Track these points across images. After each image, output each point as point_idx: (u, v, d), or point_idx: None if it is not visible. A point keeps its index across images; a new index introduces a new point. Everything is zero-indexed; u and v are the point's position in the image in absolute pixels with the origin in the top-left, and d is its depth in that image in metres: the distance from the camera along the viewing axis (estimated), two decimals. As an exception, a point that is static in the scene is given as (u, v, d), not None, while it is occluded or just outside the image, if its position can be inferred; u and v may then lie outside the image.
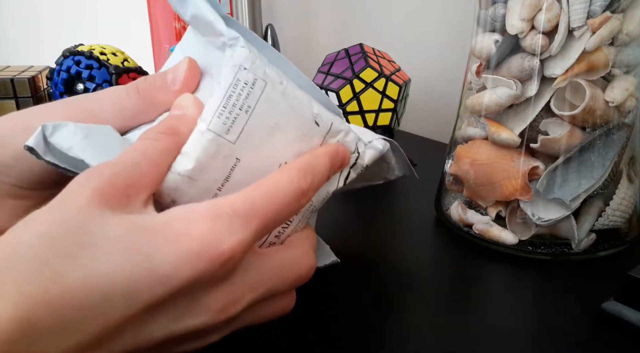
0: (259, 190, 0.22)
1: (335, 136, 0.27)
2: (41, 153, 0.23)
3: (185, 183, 0.23)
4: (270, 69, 0.25)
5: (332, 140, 0.27)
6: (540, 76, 0.34)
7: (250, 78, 0.24)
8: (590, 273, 0.35)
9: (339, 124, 0.27)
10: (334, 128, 0.27)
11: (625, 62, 0.34)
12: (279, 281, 0.24)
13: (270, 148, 0.25)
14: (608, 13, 0.33)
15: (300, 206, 0.24)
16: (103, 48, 0.61)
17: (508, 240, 0.37)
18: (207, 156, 0.23)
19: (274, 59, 0.27)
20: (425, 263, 0.37)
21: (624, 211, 0.37)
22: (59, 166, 0.23)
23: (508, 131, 0.36)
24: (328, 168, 0.26)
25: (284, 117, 0.25)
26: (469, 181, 0.39)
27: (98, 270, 0.18)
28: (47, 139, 0.23)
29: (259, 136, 0.24)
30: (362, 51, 0.54)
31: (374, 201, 0.47)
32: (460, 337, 0.29)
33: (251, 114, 0.24)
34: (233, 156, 0.24)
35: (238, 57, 0.24)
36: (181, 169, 0.23)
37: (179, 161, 0.23)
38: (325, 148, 0.26)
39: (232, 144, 0.24)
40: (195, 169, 0.23)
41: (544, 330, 0.30)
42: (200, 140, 0.23)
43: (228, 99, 0.23)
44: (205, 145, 0.23)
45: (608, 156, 0.35)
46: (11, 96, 0.65)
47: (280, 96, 0.25)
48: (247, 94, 0.24)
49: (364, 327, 0.30)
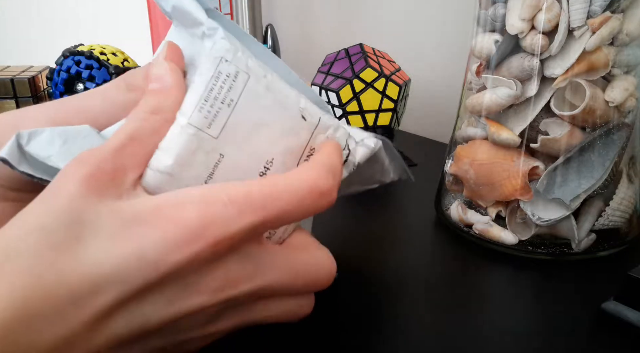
0: (261, 182, 0.22)
1: (324, 132, 0.26)
2: (15, 163, 0.22)
3: (164, 180, 0.22)
4: (254, 61, 0.24)
5: (320, 136, 0.26)
6: (540, 76, 0.34)
7: (233, 70, 0.23)
8: (590, 273, 0.35)
9: (327, 120, 0.26)
10: (323, 123, 0.26)
11: (625, 62, 0.34)
12: (289, 279, 0.24)
13: (256, 143, 0.24)
14: (608, 13, 0.33)
15: (318, 206, 0.23)
16: (103, 48, 0.61)
17: (508, 240, 0.37)
18: (187, 152, 0.22)
19: (261, 54, 0.27)
20: (425, 263, 0.37)
21: (624, 211, 0.37)
22: (34, 177, 0.22)
23: (508, 131, 0.36)
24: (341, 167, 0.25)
25: (268, 112, 0.24)
26: (469, 181, 0.39)
27: (89, 259, 0.19)
28: (23, 148, 0.22)
29: (243, 131, 0.24)
30: (362, 51, 0.54)
31: (373, 201, 0.47)
32: (460, 336, 0.29)
33: (234, 108, 0.23)
34: (216, 152, 0.23)
35: (219, 49, 0.23)
36: (160, 166, 0.22)
37: (157, 157, 0.22)
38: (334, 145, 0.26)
39: (215, 139, 0.23)
40: (175, 165, 0.22)
41: (544, 330, 0.30)
42: (181, 135, 0.22)
43: (209, 92, 0.23)
44: (186, 139, 0.22)
45: (608, 156, 0.35)
46: (11, 96, 0.65)
47: (265, 90, 0.24)
48: (230, 87, 0.23)
49: (364, 327, 0.30)
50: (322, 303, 0.32)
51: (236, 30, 0.26)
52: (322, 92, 0.54)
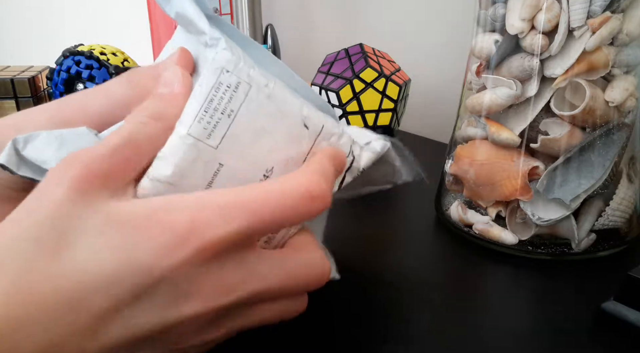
0: (255, 188, 0.22)
1: (327, 139, 0.26)
2: (14, 168, 0.22)
3: (163, 189, 0.22)
4: (256, 71, 0.24)
5: (323, 143, 0.26)
6: (540, 76, 0.34)
7: (233, 81, 0.23)
8: (590, 273, 0.35)
9: (331, 127, 0.26)
10: (326, 131, 0.26)
11: (625, 62, 0.34)
12: (281, 282, 0.23)
13: (256, 152, 0.24)
14: (608, 13, 0.33)
15: (312, 211, 0.23)
16: (103, 48, 0.61)
17: (508, 240, 0.37)
18: (186, 162, 0.23)
19: (264, 60, 0.26)
20: (424, 263, 0.37)
21: (624, 211, 0.37)
22: (34, 179, 0.22)
23: (508, 131, 0.36)
24: (333, 172, 0.25)
25: (270, 121, 0.24)
26: (469, 181, 0.39)
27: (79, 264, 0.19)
28: (20, 152, 0.22)
29: (244, 141, 0.24)
30: (362, 51, 0.54)
31: (373, 201, 0.47)
32: (460, 336, 0.29)
33: (234, 119, 0.23)
34: (216, 161, 0.23)
35: (220, 60, 0.23)
36: (159, 175, 0.22)
37: (156, 166, 0.22)
38: (327, 151, 0.26)
39: (214, 149, 0.23)
40: (173, 175, 0.22)
41: (544, 330, 0.30)
42: (180, 145, 0.22)
43: (209, 103, 0.23)
44: (185, 150, 0.22)
45: (608, 156, 0.35)
46: (11, 96, 0.65)
47: (266, 99, 0.24)
48: (230, 97, 0.23)
49: (364, 327, 0.30)
50: (322, 303, 0.32)
51: (237, 35, 0.26)
52: (322, 92, 0.54)
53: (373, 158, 0.29)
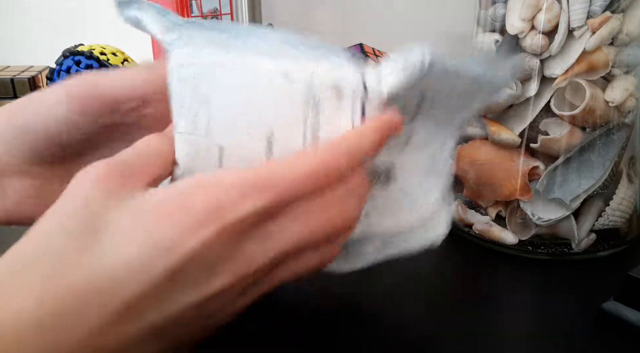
0: (272, 164, 0.23)
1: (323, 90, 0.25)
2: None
3: None
4: (221, 52, 0.25)
5: (321, 95, 0.25)
6: (540, 76, 0.34)
7: (195, 71, 0.24)
8: (590, 273, 0.35)
9: (328, 69, 0.25)
10: (318, 79, 0.24)
11: (625, 62, 0.34)
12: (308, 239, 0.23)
13: (247, 124, 0.25)
14: (608, 13, 0.33)
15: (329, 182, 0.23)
16: (103, 48, 0.61)
17: (508, 240, 0.37)
18: (187, 157, 0.24)
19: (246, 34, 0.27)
20: (424, 263, 0.37)
21: (624, 211, 0.37)
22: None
23: (508, 131, 0.36)
24: (377, 142, 0.24)
25: (249, 91, 0.25)
26: (469, 181, 0.39)
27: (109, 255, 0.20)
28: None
29: (230, 118, 0.24)
30: (362, 51, 0.54)
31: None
32: (460, 336, 0.29)
33: (211, 102, 0.24)
34: (214, 146, 0.24)
35: (176, 57, 0.24)
36: (174, 175, 0.24)
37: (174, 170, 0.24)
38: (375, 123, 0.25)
39: (205, 136, 0.24)
40: (185, 171, 0.24)
41: (544, 330, 0.30)
42: (177, 144, 0.24)
43: (182, 99, 0.24)
44: (181, 147, 0.24)
45: (608, 156, 0.35)
46: (11, 96, 0.66)
47: (238, 74, 0.24)
48: (196, 85, 0.24)
49: (363, 327, 0.30)
50: (321, 303, 0.32)
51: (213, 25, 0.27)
52: (322, 92, 0.54)
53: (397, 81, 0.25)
